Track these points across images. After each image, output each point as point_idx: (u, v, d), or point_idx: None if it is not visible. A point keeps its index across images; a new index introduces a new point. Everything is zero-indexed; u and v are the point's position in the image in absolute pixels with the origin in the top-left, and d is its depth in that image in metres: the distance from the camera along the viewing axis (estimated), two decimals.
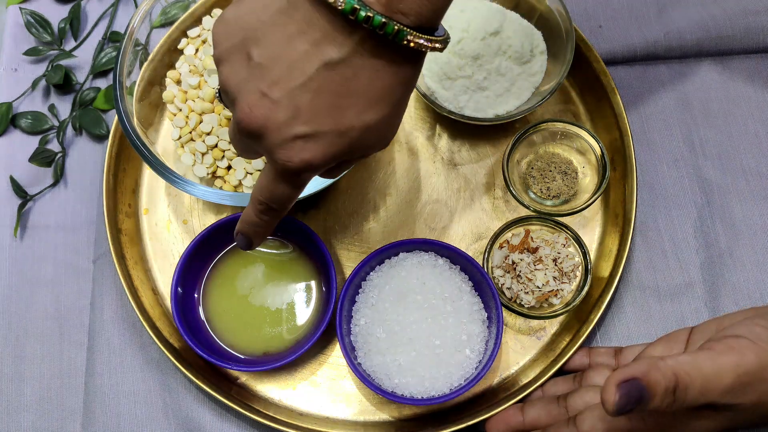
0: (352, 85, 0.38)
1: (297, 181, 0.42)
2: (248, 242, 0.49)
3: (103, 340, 0.60)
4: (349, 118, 0.39)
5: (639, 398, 0.38)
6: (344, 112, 0.39)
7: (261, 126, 0.39)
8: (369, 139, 0.41)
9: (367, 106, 0.39)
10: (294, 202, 0.45)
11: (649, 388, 0.38)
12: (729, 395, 0.40)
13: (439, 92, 0.61)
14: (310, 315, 0.58)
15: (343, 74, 0.38)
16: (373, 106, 0.39)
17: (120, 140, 0.63)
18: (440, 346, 0.54)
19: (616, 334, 0.59)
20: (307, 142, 0.39)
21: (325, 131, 0.39)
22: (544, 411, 0.52)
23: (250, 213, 0.46)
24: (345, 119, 0.39)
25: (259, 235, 0.48)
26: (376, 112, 0.40)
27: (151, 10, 0.59)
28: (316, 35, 0.37)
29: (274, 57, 0.38)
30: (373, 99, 0.39)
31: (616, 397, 0.38)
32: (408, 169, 0.63)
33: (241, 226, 0.48)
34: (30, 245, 0.63)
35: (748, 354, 0.40)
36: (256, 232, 0.47)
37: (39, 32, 0.68)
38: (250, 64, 0.39)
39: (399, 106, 0.41)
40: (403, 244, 0.57)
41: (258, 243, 0.49)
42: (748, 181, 0.62)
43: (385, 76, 0.39)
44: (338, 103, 0.39)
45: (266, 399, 0.58)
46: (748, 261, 0.60)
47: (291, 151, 0.40)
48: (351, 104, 0.39)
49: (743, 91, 0.65)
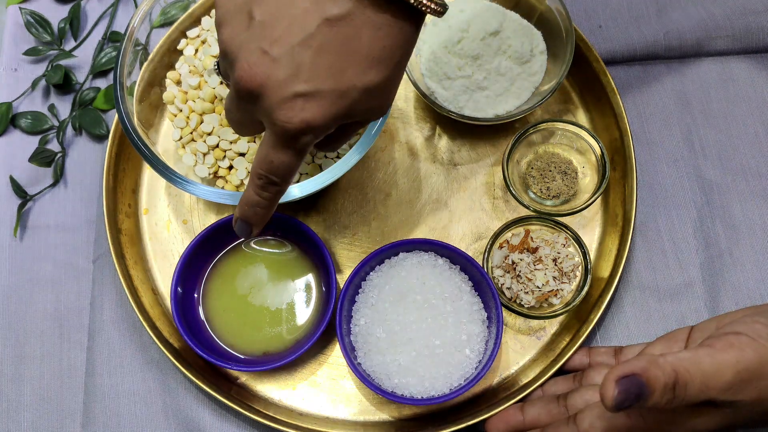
0: (352, 43, 0.38)
1: (297, 146, 0.41)
2: (248, 228, 0.48)
3: (103, 340, 0.60)
4: (350, 77, 0.39)
5: (638, 394, 0.38)
6: (345, 71, 0.39)
7: (261, 84, 0.39)
8: (369, 101, 0.40)
9: (368, 66, 0.39)
10: (294, 174, 0.44)
11: (649, 384, 0.38)
12: (729, 392, 0.40)
13: (439, 92, 0.61)
14: (310, 315, 0.58)
15: (344, 32, 0.38)
16: (373, 66, 0.39)
17: (120, 140, 0.63)
18: (440, 346, 0.54)
19: (616, 334, 0.59)
20: (308, 101, 0.39)
21: (325, 90, 0.39)
22: (544, 410, 0.52)
23: (250, 193, 0.45)
24: (346, 78, 0.39)
25: (259, 217, 0.47)
26: (376, 73, 0.39)
27: (151, 11, 0.59)
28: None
29: (276, 15, 0.38)
30: (374, 59, 0.39)
31: (615, 392, 0.38)
32: (408, 169, 0.63)
33: (240, 210, 0.47)
34: (30, 245, 0.63)
35: (748, 351, 0.40)
36: (257, 213, 0.46)
37: (39, 32, 0.68)
38: (251, 23, 0.39)
39: (398, 69, 0.41)
40: (403, 244, 0.57)
41: (259, 228, 0.48)
42: (748, 181, 0.62)
43: (386, 36, 0.39)
44: (339, 62, 0.39)
45: (266, 399, 0.58)
46: (748, 261, 0.60)
47: (291, 110, 0.39)
48: (352, 63, 0.39)
49: (743, 91, 0.65)
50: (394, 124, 0.64)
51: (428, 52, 0.62)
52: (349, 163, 0.55)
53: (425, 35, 0.62)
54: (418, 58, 0.63)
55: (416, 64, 0.62)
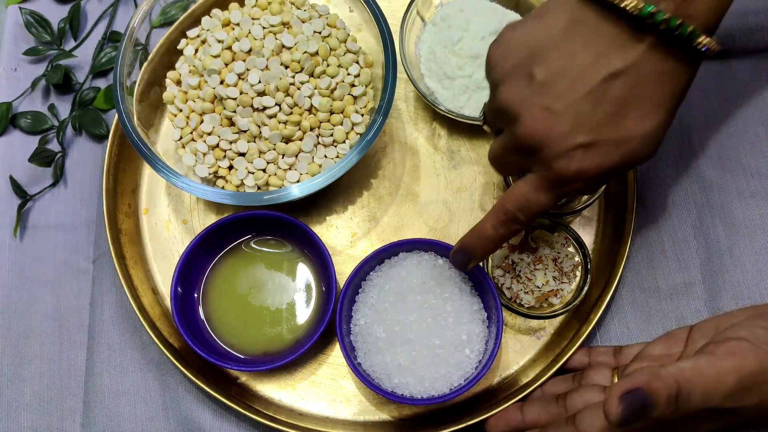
0: (635, 92, 0.40)
1: (559, 193, 0.43)
2: (467, 260, 0.50)
3: (102, 340, 0.60)
4: (629, 126, 0.40)
5: (642, 408, 0.38)
6: (625, 121, 0.40)
7: (543, 139, 0.41)
8: (643, 148, 0.42)
9: (648, 112, 0.40)
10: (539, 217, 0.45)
11: (652, 398, 0.38)
12: (731, 399, 0.40)
13: (439, 92, 0.61)
14: (310, 315, 0.58)
15: (627, 83, 0.39)
16: (653, 112, 0.40)
17: (120, 140, 0.63)
18: (440, 346, 0.54)
19: (616, 333, 0.59)
20: (587, 152, 0.41)
21: (604, 140, 0.40)
22: (544, 410, 0.52)
23: (486, 225, 0.47)
24: (625, 128, 0.40)
25: (484, 250, 0.48)
26: (654, 118, 0.41)
27: (151, 11, 0.59)
28: (601, 47, 0.39)
29: (558, 73, 0.40)
30: (654, 105, 0.40)
31: (619, 408, 0.38)
32: (408, 169, 0.63)
33: (469, 239, 0.49)
34: (30, 245, 0.63)
35: (750, 357, 0.40)
36: (484, 247, 0.48)
37: (39, 32, 0.68)
38: (532, 82, 0.41)
39: (674, 111, 0.42)
40: (403, 244, 0.57)
41: (477, 261, 0.50)
42: (748, 181, 0.62)
43: (669, 82, 0.40)
44: (620, 112, 0.40)
45: (266, 399, 0.58)
46: (748, 261, 0.60)
47: (570, 160, 0.41)
48: (632, 112, 0.40)
49: (743, 91, 0.65)
50: (394, 124, 0.64)
51: (428, 52, 0.62)
52: (349, 163, 0.55)
53: (425, 35, 0.62)
54: (418, 57, 0.63)
55: (416, 63, 0.62)
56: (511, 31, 0.43)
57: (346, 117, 0.58)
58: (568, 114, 0.40)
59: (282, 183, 0.57)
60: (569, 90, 0.40)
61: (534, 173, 0.43)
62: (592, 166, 0.41)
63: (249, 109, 0.56)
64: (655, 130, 0.41)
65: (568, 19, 0.40)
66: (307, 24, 0.58)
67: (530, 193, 0.44)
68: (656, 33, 0.38)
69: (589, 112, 0.40)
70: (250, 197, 0.54)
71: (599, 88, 0.40)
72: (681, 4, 0.38)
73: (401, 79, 0.62)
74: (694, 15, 0.38)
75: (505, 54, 0.43)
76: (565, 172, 0.41)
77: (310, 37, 0.58)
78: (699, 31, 0.38)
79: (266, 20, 0.58)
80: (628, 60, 0.39)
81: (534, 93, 0.41)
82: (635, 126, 0.40)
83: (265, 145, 0.57)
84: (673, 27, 0.38)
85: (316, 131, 0.58)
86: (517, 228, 0.46)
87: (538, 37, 0.41)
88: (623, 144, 0.41)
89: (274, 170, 0.57)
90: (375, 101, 0.59)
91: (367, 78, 0.59)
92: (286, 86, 0.56)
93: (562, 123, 0.40)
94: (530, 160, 0.43)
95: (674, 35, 0.38)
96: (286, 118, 0.56)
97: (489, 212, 0.47)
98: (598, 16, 0.39)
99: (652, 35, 0.38)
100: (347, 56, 0.58)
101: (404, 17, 0.61)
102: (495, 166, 0.48)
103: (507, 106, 0.42)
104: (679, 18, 0.38)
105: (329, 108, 0.57)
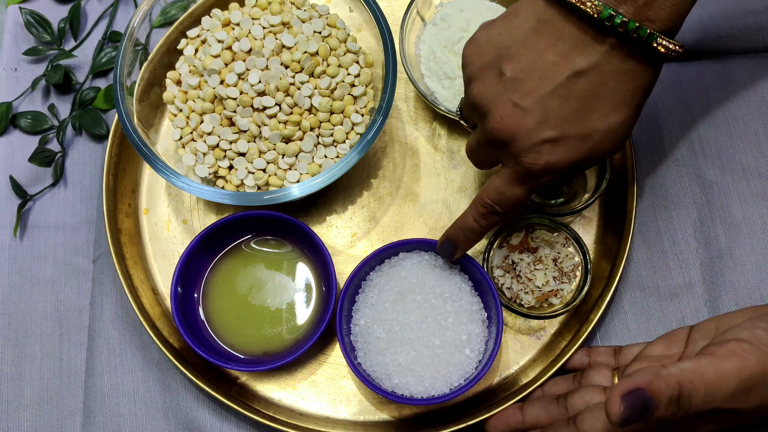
0: (598, 90, 0.41)
1: (531, 185, 0.45)
2: (453, 250, 0.52)
3: (102, 340, 0.60)
4: (594, 121, 0.42)
5: (644, 409, 0.38)
6: (589, 117, 0.42)
7: (512, 133, 0.43)
8: (608, 143, 0.43)
9: (611, 109, 0.42)
10: (517, 209, 0.47)
11: (653, 398, 0.38)
12: (732, 400, 0.40)
13: (439, 92, 0.61)
14: (310, 315, 0.58)
15: (591, 81, 0.41)
16: (616, 109, 0.42)
17: (120, 140, 0.63)
18: (440, 346, 0.54)
19: (616, 333, 0.59)
20: (554, 146, 0.43)
21: (570, 135, 0.42)
22: (544, 411, 0.52)
23: (467, 217, 0.49)
24: (590, 123, 0.42)
25: (468, 241, 0.51)
26: (618, 114, 0.42)
27: (151, 11, 0.59)
28: (566, 47, 0.41)
29: (526, 70, 0.42)
30: (617, 103, 0.42)
31: (621, 408, 0.38)
32: (408, 169, 0.63)
33: (453, 231, 0.51)
34: (30, 245, 0.63)
35: (751, 358, 0.40)
36: (467, 237, 0.50)
37: (39, 32, 0.68)
38: (502, 79, 0.43)
39: (638, 109, 0.43)
40: (403, 244, 0.57)
41: (462, 252, 0.52)
42: (748, 180, 0.62)
43: (630, 81, 0.41)
44: (584, 108, 0.42)
45: (266, 399, 0.58)
46: (748, 261, 0.60)
47: (538, 154, 0.43)
48: (596, 109, 0.42)
49: (743, 91, 0.65)
50: (394, 124, 0.64)
51: (428, 52, 0.62)
52: (349, 163, 0.55)
53: (425, 35, 0.62)
54: (418, 57, 0.63)
55: (416, 63, 0.62)
56: (483, 31, 0.45)
57: (346, 117, 0.58)
58: (536, 110, 0.42)
59: (282, 183, 0.57)
60: (537, 87, 0.42)
61: (506, 167, 0.45)
62: (560, 159, 0.43)
63: (249, 109, 0.56)
64: (619, 125, 0.43)
65: (535, 19, 0.42)
66: (307, 24, 0.58)
67: (504, 187, 0.46)
68: (617, 35, 0.40)
69: (556, 108, 0.42)
70: (250, 197, 0.54)
71: (565, 85, 0.41)
72: (641, 8, 0.39)
73: (401, 79, 0.62)
74: (653, 18, 0.39)
75: (478, 52, 0.45)
76: (534, 165, 0.43)
77: (310, 37, 0.58)
78: (657, 33, 0.40)
79: (266, 20, 0.58)
80: (590, 60, 0.41)
81: (504, 89, 0.43)
82: (599, 121, 0.42)
83: (265, 145, 0.57)
84: (632, 30, 0.39)
85: (316, 131, 0.58)
86: (496, 219, 0.48)
87: (508, 36, 0.43)
88: (588, 138, 0.43)
89: (274, 170, 0.57)
90: (375, 101, 0.59)
91: (367, 78, 0.59)
92: (286, 86, 0.56)
93: (530, 118, 0.42)
94: (501, 154, 0.45)
95: (633, 37, 0.39)
96: (286, 118, 0.56)
97: (470, 204, 0.49)
98: (563, 18, 0.41)
99: (613, 37, 0.40)
100: (347, 56, 0.58)
101: (404, 17, 0.61)
102: (472, 160, 0.50)
103: (478, 101, 0.44)
104: (636, 21, 0.39)
105: (329, 108, 0.57)
